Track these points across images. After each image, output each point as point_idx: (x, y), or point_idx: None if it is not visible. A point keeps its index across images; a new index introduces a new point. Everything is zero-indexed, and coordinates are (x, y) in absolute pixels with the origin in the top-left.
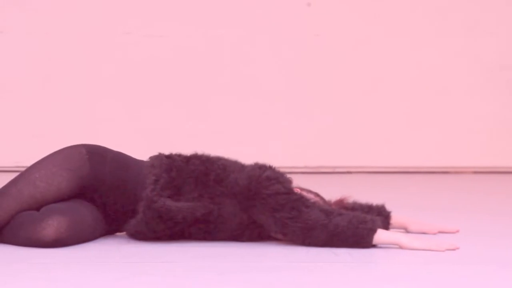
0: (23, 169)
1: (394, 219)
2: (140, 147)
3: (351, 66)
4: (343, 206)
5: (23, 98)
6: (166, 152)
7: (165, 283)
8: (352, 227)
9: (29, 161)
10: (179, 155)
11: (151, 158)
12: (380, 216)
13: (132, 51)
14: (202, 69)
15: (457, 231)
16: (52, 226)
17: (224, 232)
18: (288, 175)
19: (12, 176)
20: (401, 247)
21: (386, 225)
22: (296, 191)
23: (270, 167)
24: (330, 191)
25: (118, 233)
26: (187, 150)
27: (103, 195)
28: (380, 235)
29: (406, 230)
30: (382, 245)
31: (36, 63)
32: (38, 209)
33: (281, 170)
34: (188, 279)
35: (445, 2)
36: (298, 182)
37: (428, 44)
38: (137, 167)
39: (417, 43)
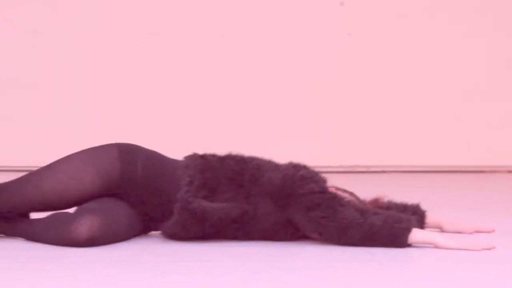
0: None
1: (429, 218)
2: (174, 147)
3: (384, 65)
4: (378, 205)
5: (57, 97)
6: (200, 152)
7: (199, 282)
8: (388, 226)
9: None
10: (213, 156)
11: (185, 158)
12: (415, 216)
13: (166, 51)
14: (235, 68)
15: (493, 231)
16: (85, 225)
17: (259, 231)
18: (323, 175)
19: None
20: (436, 247)
21: (421, 225)
22: (331, 190)
23: (304, 166)
24: (365, 190)
25: (153, 232)
26: (221, 150)
27: (137, 194)
28: (415, 234)
29: (441, 230)
30: (417, 245)
31: (69, 63)
32: (63, 204)
33: (316, 169)
34: (223, 278)
35: (475, 2)
36: (333, 182)
37: (459, 43)
38: (171, 167)
39: (448, 42)
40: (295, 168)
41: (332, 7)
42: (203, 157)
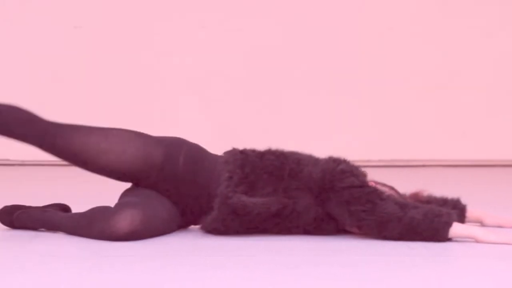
0: None
1: (470, 212)
2: (215, 142)
3: (425, 59)
4: (418, 199)
5: (99, 91)
6: (240, 147)
7: (240, 277)
8: (428, 220)
9: None
10: (253, 151)
11: (225, 153)
12: (455, 210)
13: (208, 45)
14: (274, 63)
15: None
16: (125, 219)
17: (299, 226)
18: (363, 169)
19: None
20: (477, 241)
21: (462, 219)
22: (370, 184)
23: (344, 161)
24: (405, 185)
25: (192, 226)
26: (261, 145)
27: (176, 187)
28: (456, 228)
29: (482, 224)
30: (457, 239)
31: (111, 58)
32: (96, 165)
33: (356, 164)
34: (263, 272)
35: None
36: (373, 176)
37: (508, 33)
38: (211, 162)
39: (494, 32)
40: (335, 162)
41: (373, 1)
42: (243, 152)
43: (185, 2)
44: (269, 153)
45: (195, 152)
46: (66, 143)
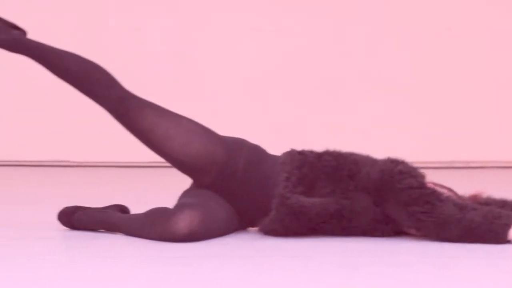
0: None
1: None
2: (272, 142)
3: (486, 58)
4: (476, 201)
5: (155, 94)
6: (299, 148)
7: (298, 278)
8: (487, 222)
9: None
10: (311, 152)
11: (283, 154)
12: None
13: (260, 47)
14: (330, 63)
15: None
16: (184, 220)
17: (357, 227)
18: (421, 170)
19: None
20: None
21: None
22: (429, 185)
23: (402, 162)
24: (464, 186)
25: (250, 228)
26: (316, 146)
27: (235, 188)
28: None
29: None
30: None
31: (169, 60)
32: (158, 149)
33: (414, 165)
34: (322, 273)
35: None
36: (431, 178)
37: None
38: (271, 163)
39: None
40: (393, 163)
41: (431, 1)
42: (301, 153)
43: (242, 4)
44: (327, 154)
45: (255, 155)
46: (137, 118)
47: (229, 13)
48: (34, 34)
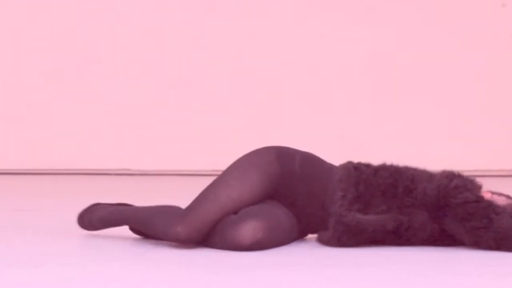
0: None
1: None
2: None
3: None
4: None
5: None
6: (356, 159)
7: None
8: None
9: (223, 165)
10: (368, 166)
11: (340, 167)
12: None
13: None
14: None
15: None
16: (248, 230)
17: (415, 242)
18: (479, 180)
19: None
20: None
21: None
22: (486, 196)
23: (458, 175)
24: None
25: (310, 235)
26: (371, 153)
27: (293, 194)
28: None
29: None
30: None
31: (226, 68)
32: (235, 212)
33: (474, 174)
34: (385, 282)
35: None
36: (492, 187)
37: None
38: (327, 171)
39: None
40: (448, 178)
41: (494, 9)
42: (357, 168)
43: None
44: (383, 169)
45: (309, 159)
46: (205, 218)
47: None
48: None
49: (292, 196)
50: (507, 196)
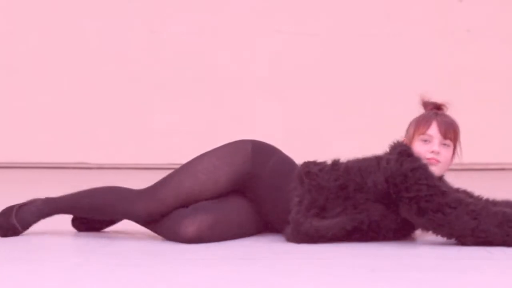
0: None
1: None
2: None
3: (503, 61)
4: None
5: (174, 96)
6: (311, 155)
7: (318, 279)
8: (503, 233)
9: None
10: (320, 170)
11: (294, 174)
12: None
13: (282, 49)
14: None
15: None
16: (194, 224)
17: (385, 234)
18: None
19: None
20: None
21: None
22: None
23: (407, 154)
24: (480, 188)
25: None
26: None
27: (257, 194)
28: None
29: None
30: None
31: (186, 62)
32: (195, 202)
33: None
34: (341, 276)
35: None
36: (449, 180)
37: None
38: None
39: None
40: (397, 163)
41: (451, 3)
42: (308, 174)
43: (257, 6)
44: (333, 169)
45: (283, 164)
46: (163, 204)
47: (251, 14)
48: (45, 37)
49: (256, 195)
50: (463, 191)
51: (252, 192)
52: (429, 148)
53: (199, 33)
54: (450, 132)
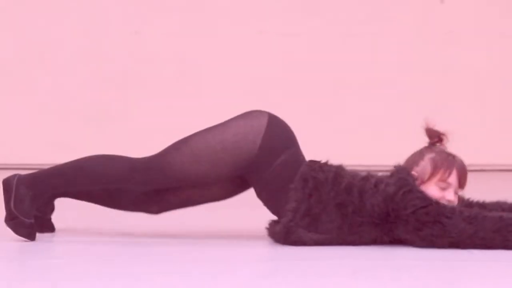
0: None
1: None
2: None
3: (485, 62)
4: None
5: (158, 97)
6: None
7: (299, 281)
8: (502, 238)
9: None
10: (326, 178)
11: (298, 176)
12: None
13: (266, 50)
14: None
15: None
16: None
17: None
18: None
19: None
20: None
21: None
22: (414, 175)
23: (405, 180)
24: (476, 190)
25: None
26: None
27: (259, 182)
28: None
29: None
30: None
31: (170, 63)
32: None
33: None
34: (323, 277)
35: None
36: None
37: None
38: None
39: None
40: (396, 185)
41: (432, 5)
42: (315, 178)
43: (241, 7)
44: (334, 183)
45: (293, 162)
46: (159, 180)
47: (234, 16)
48: (33, 37)
49: (258, 182)
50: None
51: (254, 180)
52: (444, 196)
53: (183, 34)
54: (466, 182)
